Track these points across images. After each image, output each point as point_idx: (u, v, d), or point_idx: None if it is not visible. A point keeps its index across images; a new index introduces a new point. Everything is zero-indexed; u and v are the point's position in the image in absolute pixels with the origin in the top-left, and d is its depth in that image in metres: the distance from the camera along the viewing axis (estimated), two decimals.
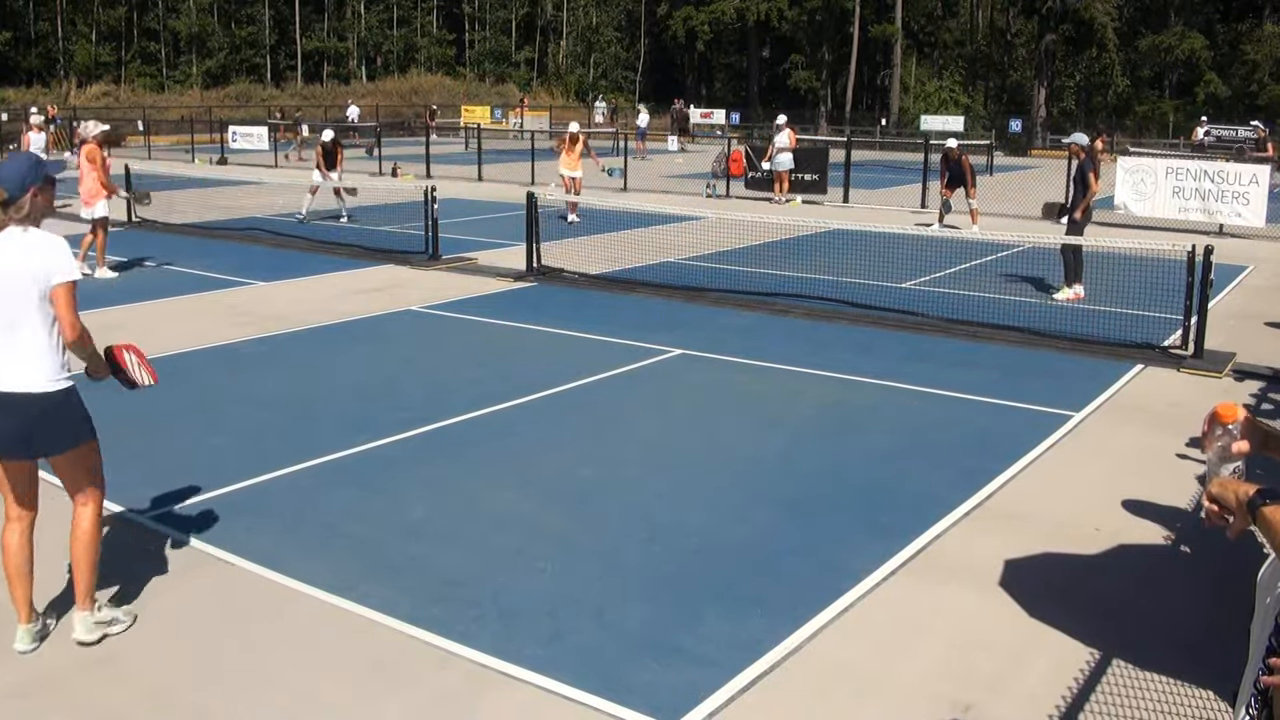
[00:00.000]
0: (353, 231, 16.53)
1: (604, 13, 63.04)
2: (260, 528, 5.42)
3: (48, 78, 50.28)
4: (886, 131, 48.65)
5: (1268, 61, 47.12)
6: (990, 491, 6.07)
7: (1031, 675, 4.17)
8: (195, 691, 3.98)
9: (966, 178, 16.59)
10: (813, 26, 55.41)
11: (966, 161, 16.83)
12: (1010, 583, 4.94)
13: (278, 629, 4.44)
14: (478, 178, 25.68)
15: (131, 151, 30.73)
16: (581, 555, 5.17)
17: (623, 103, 56.60)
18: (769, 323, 10.60)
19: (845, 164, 22.82)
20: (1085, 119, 48.12)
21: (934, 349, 9.54)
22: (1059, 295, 11.85)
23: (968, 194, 16.81)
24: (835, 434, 7.16)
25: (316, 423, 7.18)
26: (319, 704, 3.90)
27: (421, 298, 11.56)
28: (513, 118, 46.07)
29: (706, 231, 15.44)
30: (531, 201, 12.74)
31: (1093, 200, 11.80)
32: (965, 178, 16.60)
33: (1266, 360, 9.20)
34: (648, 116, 40.06)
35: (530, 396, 7.81)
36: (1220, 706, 3.93)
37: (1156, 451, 6.87)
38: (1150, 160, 18.76)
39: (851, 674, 4.16)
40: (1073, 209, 11.85)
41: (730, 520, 5.61)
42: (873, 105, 57.23)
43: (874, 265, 13.23)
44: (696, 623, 4.50)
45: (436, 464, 6.43)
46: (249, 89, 53.49)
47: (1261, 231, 17.32)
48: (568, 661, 4.16)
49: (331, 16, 59.29)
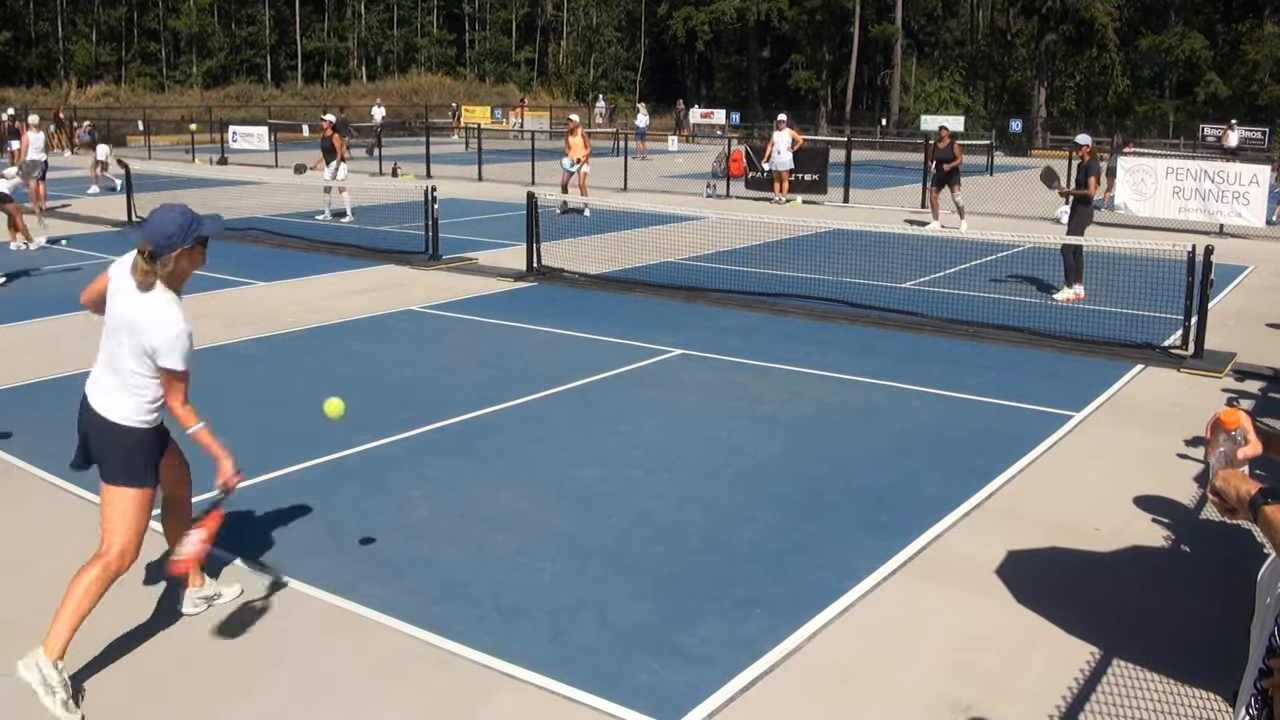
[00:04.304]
0: (353, 231, 16.54)
1: (604, 13, 63.02)
2: (261, 527, 5.42)
3: (48, 78, 50.27)
4: (887, 131, 48.66)
5: (1268, 61, 47.08)
6: (990, 491, 6.07)
7: (1031, 675, 4.17)
8: (196, 691, 3.99)
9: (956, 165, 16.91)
10: (813, 26, 55.38)
11: (959, 149, 17.08)
12: (1010, 583, 4.94)
13: (278, 629, 4.45)
14: (478, 178, 25.68)
15: (132, 151, 30.75)
16: (582, 555, 5.17)
17: (623, 103, 56.59)
18: (769, 323, 10.60)
19: (845, 164, 22.82)
20: (1085, 119, 48.12)
21: (934, 349, 9.54)
22: (1059, 295, 11.85)
23: (953, 190, 16.99)
24: (835, 434, 7.16)
25: (317, 423, 7.17)
26: (319, 703, 3.90)
27: (422, 298, 11.57)
28: (513, 118, 46.08)
29: (706, 231, 15.45)
30: (532, 201, 12.74)
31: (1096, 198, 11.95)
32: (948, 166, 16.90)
33: (1266, 360, 9.21)
34: (647, 117, 40.04)
35: (530, 396, 7.81)
36: (1220, 706, 3.94)
37: (1157, 451, 6.87)
38: (1150, 160, 18.75)
39: (851, 674, 4.16)
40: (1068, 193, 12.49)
41: (730, 520, 5.61)
42: (873, 105, 57.22)
43: (874, 265, 13.24)
44: (697, 623, 4.50)
45: (437, 464, 6.43)
46: (249, 89, 53.46)
47: (1261, 231, 17.33)
48: (568, 661, 4.16)
49: (332, 16, 59.28)
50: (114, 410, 3.96)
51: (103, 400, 3.98)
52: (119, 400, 3.96)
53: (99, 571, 3.93)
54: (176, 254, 3.85)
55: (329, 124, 18.24)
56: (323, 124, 18.57)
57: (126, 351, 3.90)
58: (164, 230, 3.83)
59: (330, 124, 18.22)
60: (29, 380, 8.16)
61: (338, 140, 18.10)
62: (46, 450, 6.43)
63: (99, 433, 3.99)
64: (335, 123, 18.45)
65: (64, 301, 11.06)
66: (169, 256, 3.84)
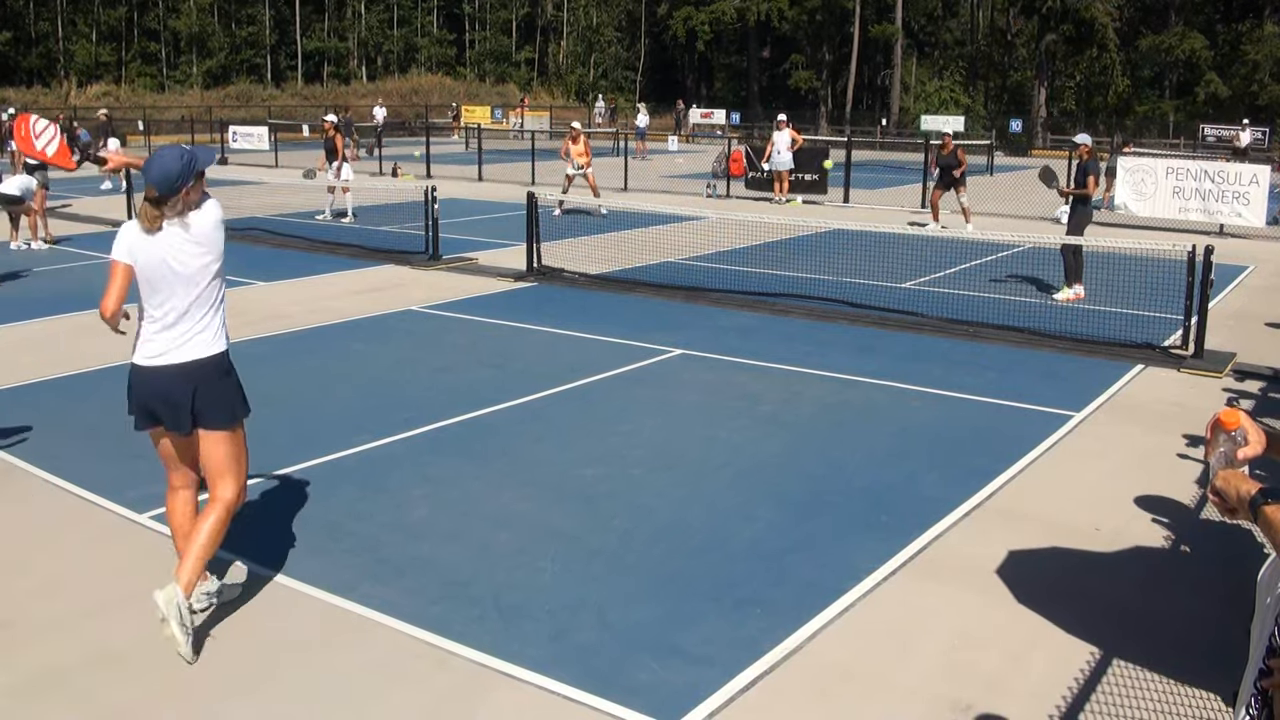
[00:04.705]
0: (353, 231, 16.54)
1: (604, 13, 63.03)
2: (261, 527, 5.42)
3: (48, 78, 50.28)
4: (887, 131, 48.66)
5: (1268, 61, 47.07)
6: (990, 491, 6.07)
7: (1031, 675, 4.17)
8: (197, 690, 3.99)
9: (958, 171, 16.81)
10: (813, 26, 55.38)
11: (962, 154, 17.05)
12: (1010, 583, 4.94)
13: (279, 628, 4.45)
14: (478, 178, 25.68)
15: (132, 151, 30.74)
16: (582, 555, 5.17)
17: (623, 103, 56.60)
18: (769, 323, 10.60)
19: (845, 164, 22.82)
20: (1085, 119, 48.11)
21: (934, 349, 9.54)
22: (1059, 295, 11.85)
23: (958, 192, 16.96)
24: (835, 434, 7.16)
25: (317, 423, 7.19)
26: (319, 703, 3.91)
27: (422, 298, 11.57)
28: (513, 118, 46.08)
29: (706, 231, 15.45)
30: (532, 201, 12.74)
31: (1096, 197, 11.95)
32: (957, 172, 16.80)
33: (1266, 360, 9.21)
34: (647, 117, 40.05)
35: (530, 396, 7.82)
36: (1220, 706, 3.94)
37: (1157, 451, 6.87)
38: (1150, 160, 18.76)
39: (851, 674, 4.16)
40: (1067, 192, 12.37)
41: (730, 520, 5.61)
42: (873, 105, 57.22)
43: (874, 265, 13.24)
44: (697, 623, 4.50)
45: (437, 464, 6.44)
46: (249, 89, 53.47)
47: (1261, 231, 17.33)
48: (568, 661, 4.16)
49: (332, 16, 59.29)
50: (210, 346, 4.23)
51: (191, 350, 4.20)
52: (206, 335, 4.22)
53: (223, 514, 4.28)
54: (183, 192, 4.10)
55: (331, 124, 18.25)
56: (325, 124, 18.58)
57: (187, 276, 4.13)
58: (168, 173, 4.07)
59: (332, 124, 18.23)
60: (29, 380, 8.16)
61: (340, 140, 18.10)
62: (47, 450, 6.43)
63: (204, 383, 4.21)
64: (337, 123, 18.46)
65: (63, 301, 11.09)
66: (176, 197, 4.08)
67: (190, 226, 4.14)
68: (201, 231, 4.16)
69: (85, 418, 7.08)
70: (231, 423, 4.33)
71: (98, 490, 5.88)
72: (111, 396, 4.73)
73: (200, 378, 4.21)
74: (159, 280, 4.15)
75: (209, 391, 4.23)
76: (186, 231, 4.13)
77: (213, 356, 4.25)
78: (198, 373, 4.21)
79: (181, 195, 4.09)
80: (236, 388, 4.38)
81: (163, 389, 4.20)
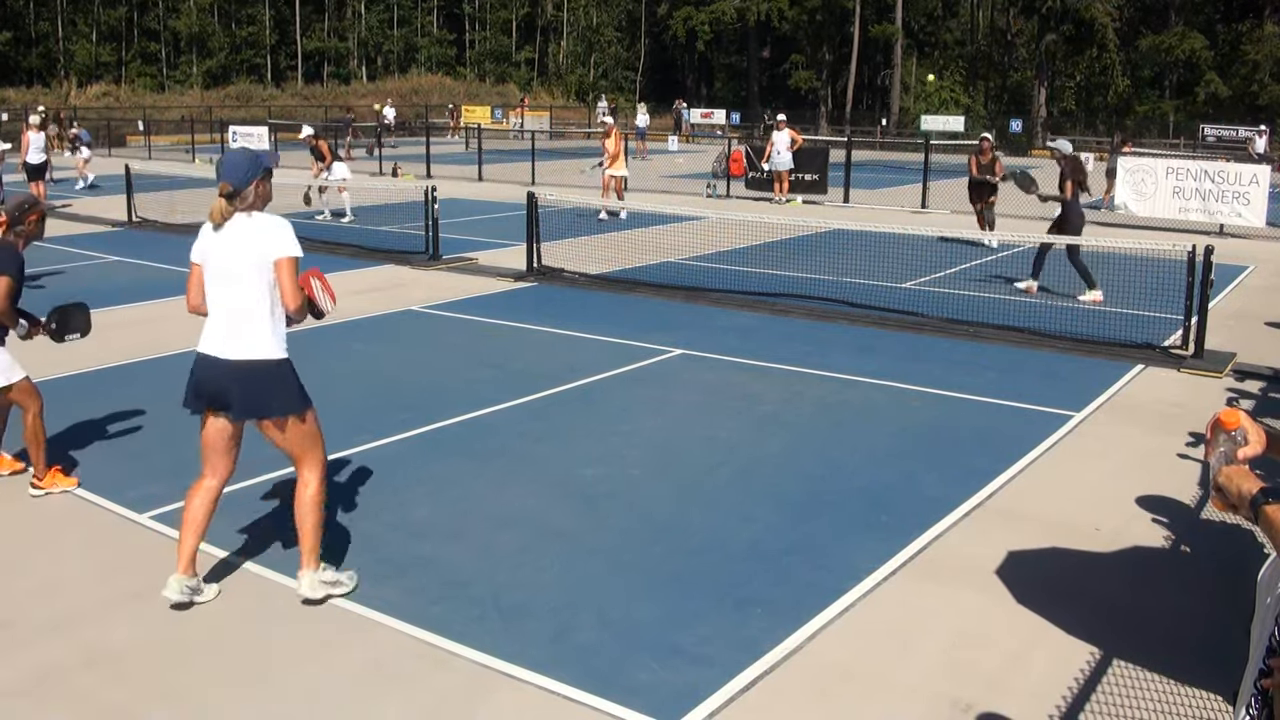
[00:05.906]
0: (353, 231, 16.54)
1: (604, 13, 63.05)
2: (262, 527, 5.42)
3: (48, 78, 50.30)
4: (887, 131, 48.66)
5: (1268, 61, 47.07)
6: (990, 491, 6.07)
7: (1031, 674, 4.17)
8: (197, 689, 3.98)
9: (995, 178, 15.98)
10: (813, 26, 55.38)
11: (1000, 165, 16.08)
12: (1010, 583, 4.94)
13: (279, 628, 4.44)
14: (478, 178, 25.69)
15: (132, 151, 30.77)
16: (582, 555, 5.17)
17: (623, 103, 56.60)
18: (769, 323, 10.60)
19: (845, 164, 22.82)
20: (1085, 119, 48.13)
21: (934, 349, 9.54)
22: (1084, 298, 11.73)
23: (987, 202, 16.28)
24: (835, 434, 7.16)
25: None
26: (319, 703, 3.91)
27: (422, 298, 11.57)
28: (513, 118, 46.08)
29: (706, 231, 15.45)
30: (532, 201, 12.74)
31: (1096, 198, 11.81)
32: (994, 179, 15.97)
33: (1266, 360, 9.21)
34: (647, 117, 40.05)
35: (531, 396, 7.82)
36: (1220, 706, 3.94)
37: (1157, 451, 6.87)
38: (1150, 160, 18.76)
39: (852, 674, 4.16)
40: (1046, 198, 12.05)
41: (730, 520, 5.61)
42: (873, 105, 57.23)
43: (874, 265, 13.24)
44: (697, 623, 4.50)
45: (438, 464, 6.44)
46: (249, 89, 53.49)
47: (1261, 231, 17.33)
48: (568, 661, 4.16)
49: (332, 16, 59.31)
50: (268, 349, 4.39)
51: (248, 347, 4.36)
52: (265, 339, 4.38)
53: (318, 490, 4.55)
54: (254, 185, 4.43)
55: (310, 136, 18.50)
56: (307, 139, 18.60)
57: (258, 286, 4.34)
58: (239, 168, 4.41)
59: (311, 136, 18.45)
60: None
61: (323, 145, 18.29)
62: (46, 450, 6.42)
63: (261, 381, 4.39)
64: (315, 132, 18.80)
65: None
66: (247, 190, 4.41)
67: (256, 220, 4.43)
68: (266, 226, 4.42)
69: (85, 418, 7.08)
70: (299, 408, 4.48)
71: (98, 490, 5.88)
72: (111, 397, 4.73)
73: (255, 376, 4.39)
74: (221, 274, 4.40)
75: (263, 390, 4.41)
76: (253, 224, 4.41)
77: (268, 360, 4.40)
78: (251, 372, 4.38)
79: (252, 188, 4.41)
80: (295, 382, 4.51)
81: (218, 380, 4.39)
